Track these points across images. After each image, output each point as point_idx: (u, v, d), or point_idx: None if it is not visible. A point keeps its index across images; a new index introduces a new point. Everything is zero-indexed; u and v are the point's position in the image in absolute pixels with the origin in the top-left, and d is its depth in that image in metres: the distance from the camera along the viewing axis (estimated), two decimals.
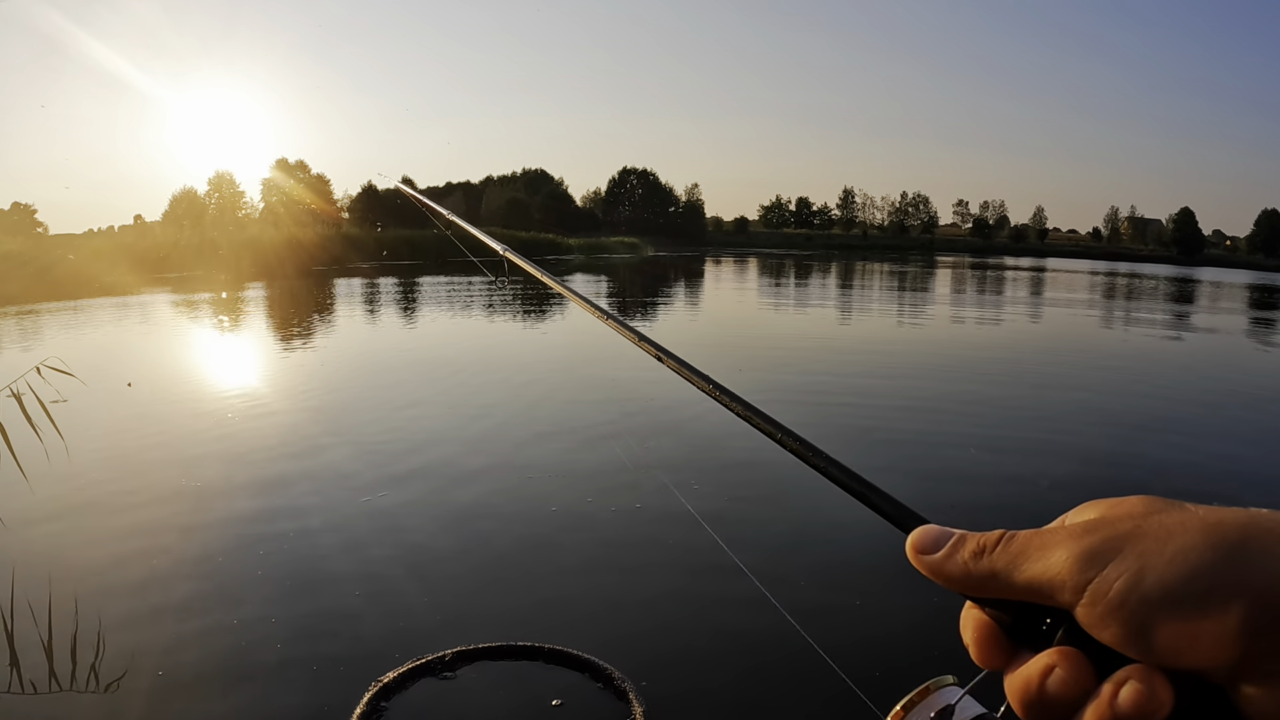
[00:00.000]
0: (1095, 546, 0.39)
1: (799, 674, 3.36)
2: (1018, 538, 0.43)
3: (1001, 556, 0.42)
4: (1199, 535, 0.37)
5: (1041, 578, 0.41)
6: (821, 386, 9.54)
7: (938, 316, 20.10)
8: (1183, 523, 0.38)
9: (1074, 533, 0.41)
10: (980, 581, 0.43)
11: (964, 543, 0.45)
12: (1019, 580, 0.42)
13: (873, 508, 0.52)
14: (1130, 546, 0.39)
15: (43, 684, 3.28)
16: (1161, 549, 0.38)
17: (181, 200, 70.86)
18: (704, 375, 0.72)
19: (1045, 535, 0.42)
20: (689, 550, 4.58)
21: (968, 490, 5.82)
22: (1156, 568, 0.37)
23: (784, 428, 0.60)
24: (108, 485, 5.64)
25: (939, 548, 0.45)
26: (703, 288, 30.38)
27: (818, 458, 0.56)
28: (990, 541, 0.43)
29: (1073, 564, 0.40)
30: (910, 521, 0.49)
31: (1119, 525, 0.40)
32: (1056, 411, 8.69)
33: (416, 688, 3.21)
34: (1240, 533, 0.37)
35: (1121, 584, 0.38)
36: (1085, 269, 61.07)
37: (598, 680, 3.26)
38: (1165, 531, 0.38)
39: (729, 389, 0.68)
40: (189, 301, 20.73)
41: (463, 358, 12.11)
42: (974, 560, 0.43)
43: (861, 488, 0.53)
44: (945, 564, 0.45)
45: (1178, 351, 15.21)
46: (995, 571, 0.42)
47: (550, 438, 6.97)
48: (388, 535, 4.77)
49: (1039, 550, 0.41)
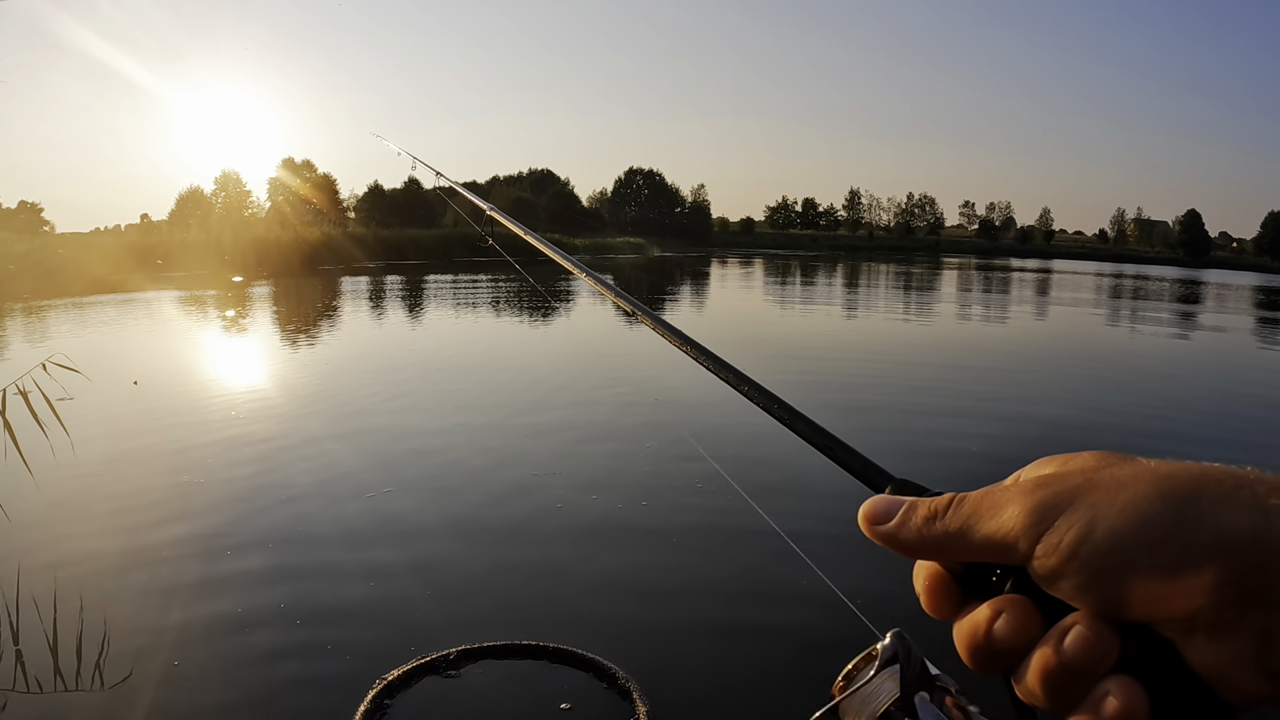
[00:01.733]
0: (1047, 500, 0.39)
1: (803, 674, 3.35)
2: (968, 499, 0.42)
3: (954, 519, 0.42)
4: (1150, 486, 0.37)
5: (995, 535, 0.40)
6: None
7: (946, 316, 20.06)
8: (1134, 474, 0.38)
9: (1025, 489, 0.41)
10: (935, 547, 0.43)
11: (915, 509, 0.44)
12: (974, 541, 0.41)
13: (838, 462, 0.52)
14: (1081, 499, 0.38)
15: (48, 682, 3.28)
16: (1112, 500, 0.38)
17: (188, 199, 71.06)
18: (677, 331, 0.71)
19: (996, 493, 0.42)
20: (695, 550, 4.57)
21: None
22: (1108, 518, 0.37)
23: (751, 380, 0.59)
24: (113, 482, 5.64)
25: (891, 517, 0.45)
26: (709, 288, 30.35)
27: (782, 409, 0.55)
28: (941, 506, 0.43)
29: (1024, 519, 0.39)
30: (877, 478, 0.49)
31: (1070, 479, 0.40)
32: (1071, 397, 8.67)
33: (421, 685, 3.21)
34: (1192, 484, 0.37)
35: (1073, 535, 0.37)
36: (1092, 270, 60.90)
37: (602, 680, 3.25)
38: (1116, 483, 0.38)
39: (699, 343, 0.67)
40: (195, 300, 20.75)
41: (468, 356, 12.11)
42: (926, 526, 0.43)
43: (826, 441, 0.53)
44: (899, 532, 0.44)
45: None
46: (949, 534, 0.42)
47: (554, 435, 6.96)
48: (392, 533, 4.77)
49: (991, 509, 0.41)
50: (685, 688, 3.27)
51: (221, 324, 16.23)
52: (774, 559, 4.48)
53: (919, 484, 0.48)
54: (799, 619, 3.83)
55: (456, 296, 21.62)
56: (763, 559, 4.51)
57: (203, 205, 69.88)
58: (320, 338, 14.17)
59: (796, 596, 4.03)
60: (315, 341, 13.71)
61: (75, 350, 11.32)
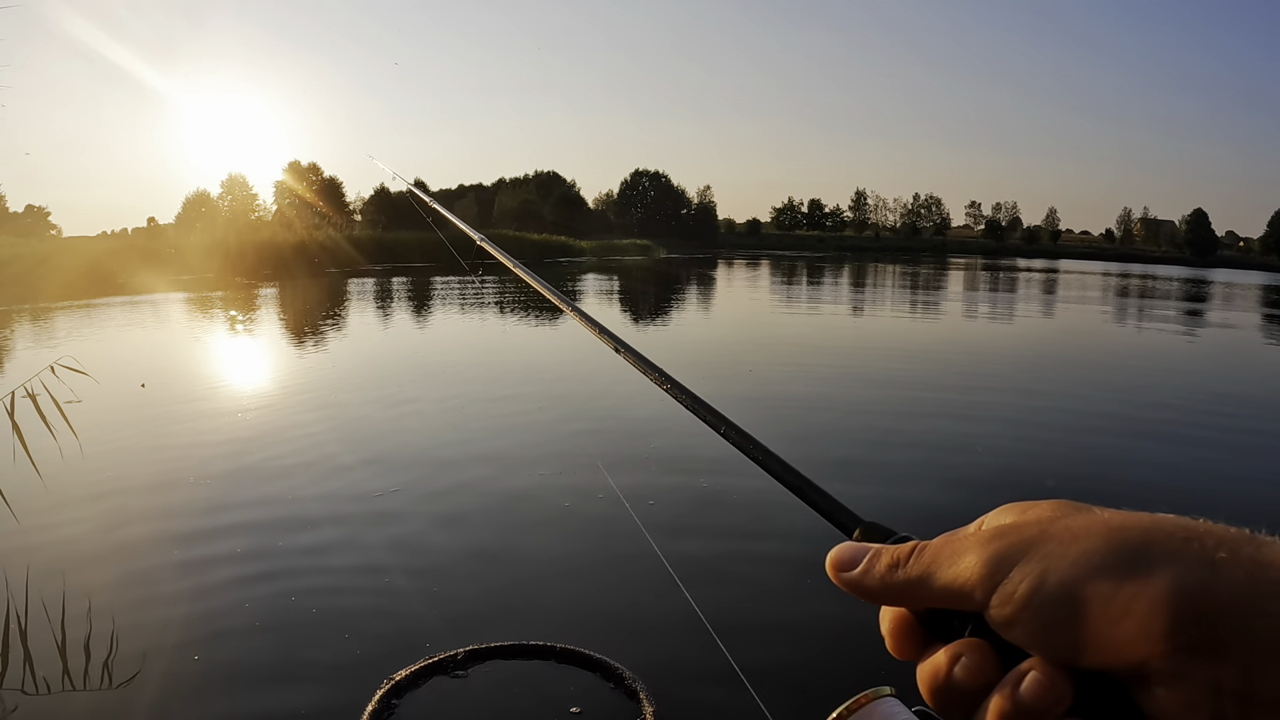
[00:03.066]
0: (1002, 551, 0.41)
1: (812, 675, 3.34)
2: (929, 548, 0.44)
3: (915, 567, 0.44)
4: (1101, 539, 0.38)
5: (953, 584, 0.42)
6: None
7: (958, 316, 20.03)
8: (1087, 526, 0.40)
9: (983, 539, 0.42)
10: (898, 593, 0.45)
11: (879, 557, 0.46)
12: (933, 588, 0.43)
13: (809, 503, 0.53)
14: (1035, 550, 0.40)
15: (55, 682, 3.29)
16: (1065, 551, 0.39)
17: (194, 203, 71.29)
18: (656, 366, 0.73)
19: (955, 543, 0.43)
20: (699, 553, 4.57)
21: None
22: (1060, 569, 0.38)
23: (728, 420, 0.61)
24: (121, 484, 5.66)
25: (856, 564, 0.46)
26: (716, 291, 30.32)
27: (756, 450, 0.57)
28: (903, 554, 0.45)
29: (981, 568, 0.41)
30: (846, 520, 0.51)
31: (1026, 530, 0.41)
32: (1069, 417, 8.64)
33: (428, 686, 3.21)
34: (1142, 536, 0.38)
35: (1026, 586, 0.39)
36: (1099, 270, 60.74)
37: (609, 680, 3.25)
38: (1070, 535, 0.39)
39: (679, 380, 0.68)
40: (202, 303, 20.81)
41: (473, 359, 12.13)
42: (889, 574, 0.45)
43: (798, 482, 0.54)
44: (863, 580, 0.46)
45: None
46: (910, 582, 0.44)
47: (562, 440, 6.96)
48: (399, 535, 4.77)
49: (950, 558, 0.43)
50: (692, 688, 3.26)
51: (227, 327, 16.28)
52: (779, 563, 4.48)
53: (886, 526, 0.49)
54: (807, 620, 3.82)
55: (462, 299, 21.64)
56: (768, 562, 4.51)
57: (209, 208, 70.11)
58: (325, 341, 14.19)
59: (805, 600, 4.02)
60: (321, 344, 13.74)
61: (83, 353, 11.37)
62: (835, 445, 6.99)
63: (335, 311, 19.20)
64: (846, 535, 0.50)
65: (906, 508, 5.39)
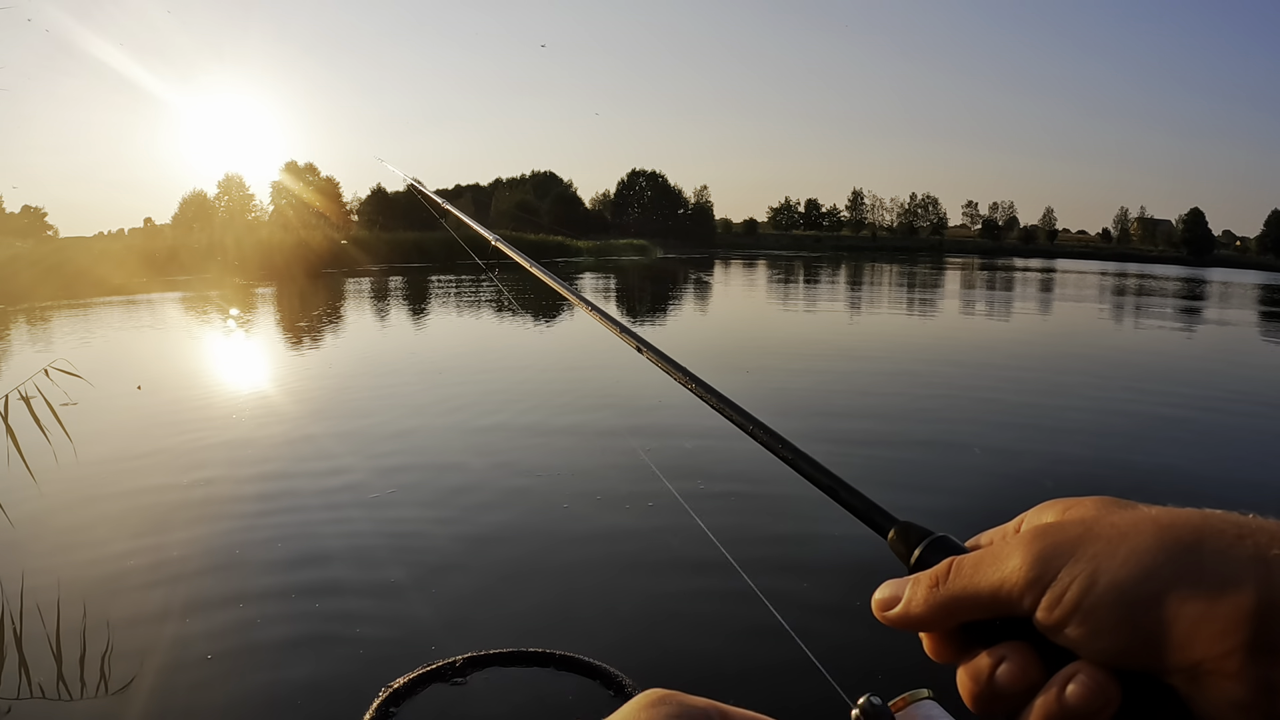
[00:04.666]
0: (1047, 552, 0.40)
1: (808, 682, 3.32)
2: (966, 560, 0.43)
3: (956, 581, 0.42)
4: (1151, 536, 0.37)
5: (1000, 590, 0.41)
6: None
7: (963, 315, 20.03)
8: (1135, 523, 0.39)
9: (1025, 540, 0.41)
10: (945, 612, 0.43)
11: (919, 584, 0.44)
12: (979, 599, 0.41)
13: (842, 504, 0.52)
14: (1083, 549, 0.39)
15: (50, 687, 3.27)
16: (1114, 551, 0.38)
17: (191, 203, 71.20)
18: (680, 366, 0.70)
19: (996, 549, 0.42)
20: (699, 556, 4.55)
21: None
22: (1110, 570, 0.37)
23: (755, 419, 0.59)
24: (115, 488, 5.63)
25: (898, 600, 0.45)
26: (713, 290, 30.32)
27: (786, 450, 0.56)
28: (941, 573, 0.43)
29: (1026, 572, 0.40)
30: (881, 520, 0.49)
31: (1069, 529, 0.40)
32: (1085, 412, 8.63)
33: (427, 693, 3.18)
34: (1194, 534, 0.37)
35: (1076, 588, 0.38)
36: (1096, 270, 60.80)
37: (609, 687, 3.22)
38: (1118, 533, 0.38)
39: (703, 379, 0.66)
40: (198, 304, 20.77)
41: (470, 360, 12.10)
42: (931, 596, 0.43)
43: (830, 482, 0.53)
44: (909, 612, 0.44)
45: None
46: (954, 597, 0.42)
47: (558, 441, 6.94)
48: (396, 539, 4.75)
49: (992, 564, 0.41)
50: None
51: (224, 328, 16.24)
52: (782, 567, 4.45)
53: (922, 526, 0.47)
54: (809, 621, 3.80)
55: (460, 299, 21.62)
56: (772, 568, 4.48)
57: (206, 208, 70.01)
58: (323, 342, 14.16)
59: (807, 606, 4.00)
60: (318, 345, 13.70)
61: (79, 354, 11.34)
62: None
63: (333, 312, 19.16)
64: (881, 535, 0.49)
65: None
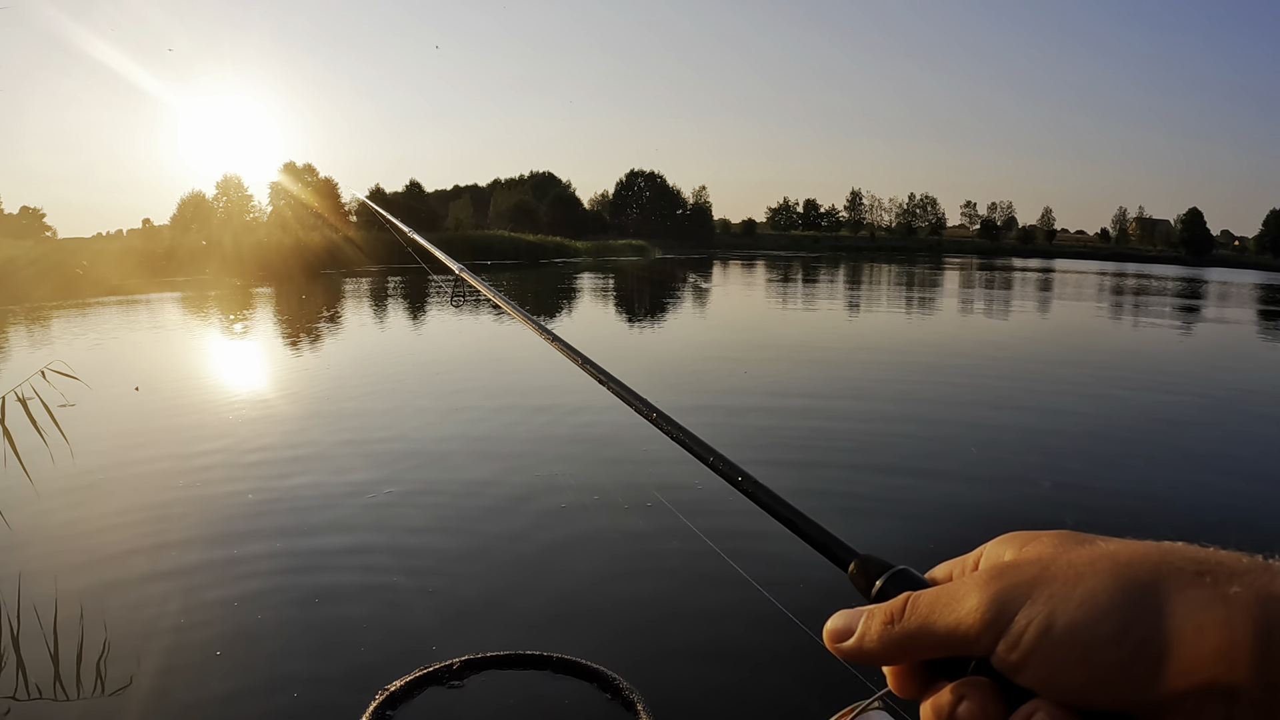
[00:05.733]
0: (1004, 593, 0.39)
1: (809, 684, 3.32)
2: (923, 597, 0.42)
3: (912, 619, 0.42)
4: (1108, 576, 0.37)
5: (955, 631, 0.40)
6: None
7: (964, 316, 20.02)
8: (1092, 562, 0.38)
9: (982, 581, 0.40)
10: (898, 650, 0.43)
11: (874, 618, 0.44)
12: (935, 638, 0.41)
13: (800, 535, 0.52)
14: (1039, 590, 0.38)
15: (47, 689, 3.26)
16: (1070, 592, 0.37)
17: (189, 204, 71.03)
18: (639, 397, 0.72)
19: (954, 588, 0.42)
20: (697, 558, 4.54)
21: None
22: (1067, 611, 0.37)
23: (715, 451, 0.61)
24: (113, 489, 5.62)
25: (852, 631, 0.44)
26: (712, 291, 30.31)
27: (746, 482, 0.56)
28: (897, 609, 0.43)
29: (983, 614, 0.39)
30: (840, 553, 0.49)
31: (1026, 570, 0.40)
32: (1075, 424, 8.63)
33: (424, 697, 3.17)
34: (1151, 572, 0.37)
35: (1033, 630, 0.37)
36: (1094, 270, 60.82)
37: (606, 690, 3.22)
38: (1074, 573, 0.38)
39: (665, 413, 0.68)
40: (196, 305, 20.75)
41: (468, 362, 12.10)
42: (886, 632, 0.43)
43: (789, 515, 0.53)
44: (861, 645, 0.44)
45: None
46: (909, 635, 0.42)
47: (556, 444, 6.94)
48: (393, 541, 4.74)
49: (948, 603, 0.41)
50: (689, 699, 3.24)
51: (222, 329, 16.23)
52: (780, 569, 4.45)
53: (882, 559, 0.47)
54: (806, 631, 3.79)
55: (457, 300, 21.55)
56: (770, 568, 4.48)
57: (204, 209, 69.86)
58: (321, 342, 14.15)
59: (804, 612, 3.99)
60: (316, 346, 13.69)
61: (77, 355, 11.33)
62: (830, 456, 6.96)
63: (331, 313, 19.14)
64: (841, 568, 0.49)
65: (913, 519, 5.37)
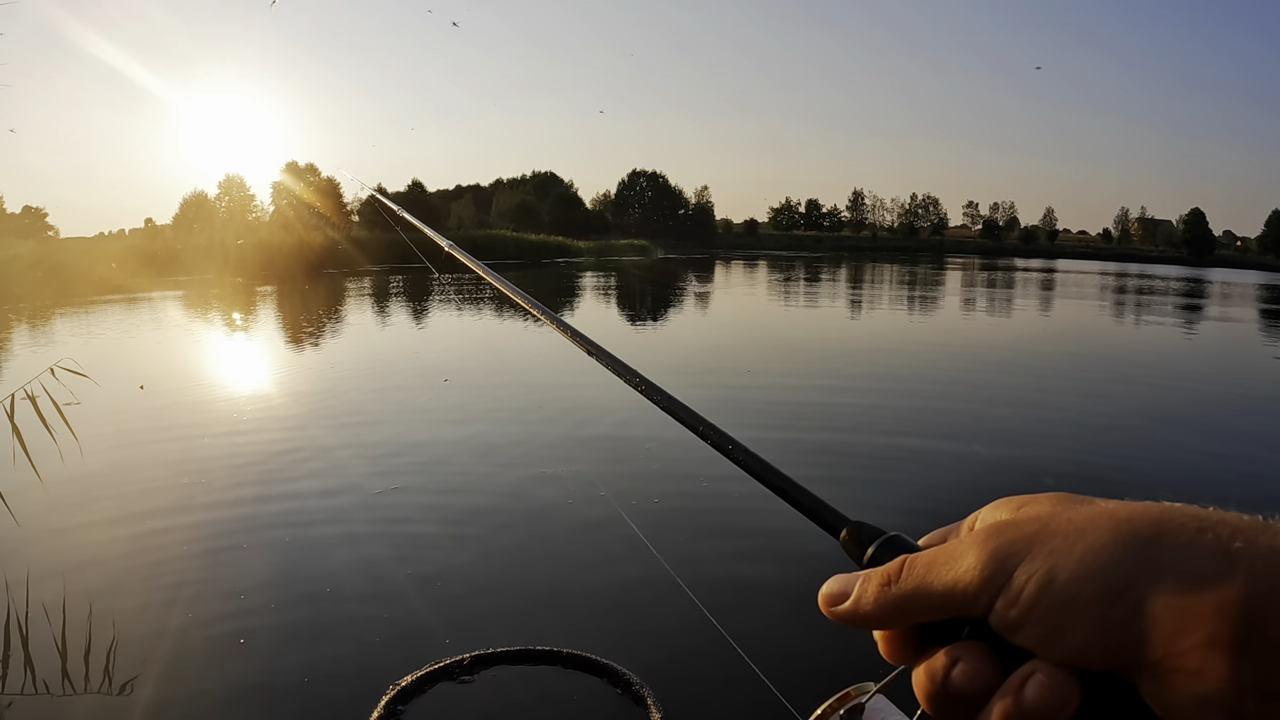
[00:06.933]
0: (1002, 550, 0.38)
1: (818, 675, 3.31)
2: (919, 558, 0.42)
3: (909, 580, 0.41)
4: (1109, 532, 0.36)
5: (953, 590, 0.39)
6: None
7: (965, 315, 20.01)
8: (1092, 519, 0.38)
9: (979, 539, 0.40)
10: (896, 612, 0.42)
11: (870, 581, 0.43)
12: (932, 599, 0.40)
13: (793, 505, 0.51)
14: (1039, 547, 0.38)
15: (55, 685, 3.26)
16: (1071, 548, 0.37)
17: (192, 203, 71.01)
18: (630, 368, 0.70)
19: (950, 548, 0.41)
20: (707, 553, 4.54)
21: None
22: (1067, 567, 0.36)
23: (705, 421, 0.60)
24: (120, 487, 5.62)
25: (847, 595, 0.44)
26: (713, 291, 30.30)
27: (737, 451, 0.56)
28: (894, 570, 0.42)
29: (981, 571, 0.39)
30: (832, 520, 0.49)
31: (1025, 527, 0.39)
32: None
33: (434, 691, 3.17)
34: (1153, 528, 0.36)
35: (1033, 587, 0.37)
36: (1096, 270, 60.76)
37: (616, 685, 3.22)
38: (1074, 529, 0.37)
39: (653, 382, 0.68)
40: (200, 304, 20.77)
41: (472, 360, 12.09)
42: (883, 594, 0.42)
43: (781, 483, 0.52)
44: (858, 609, 0.43)
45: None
46: (905, 597, 0.41)
47: (561, 441, 6.93)
48: (402, 537, 4.74)
49: (945, 563, 0.40)
50: (700, 694, 3.23)
51: (225, 328, 16.23)
52: (787, 563, 4.44)
53: (875, 526, 0.47)
54: (818, 619, 3.79)
55: (460, 299, 21.59)
56: (778, 564, 4.48)
57: (206, 209, 69.87)
58: (324, 342, 14.15)
59: (813, 598, 3.99)
60: (319, 345, 13.70)
61: (80, 355, 11.31)
62: (830, 437, 6.96)
63: (334, 312, 19.15)
64: (834, 535, 0.48)
65: (904, 499, 5.36)
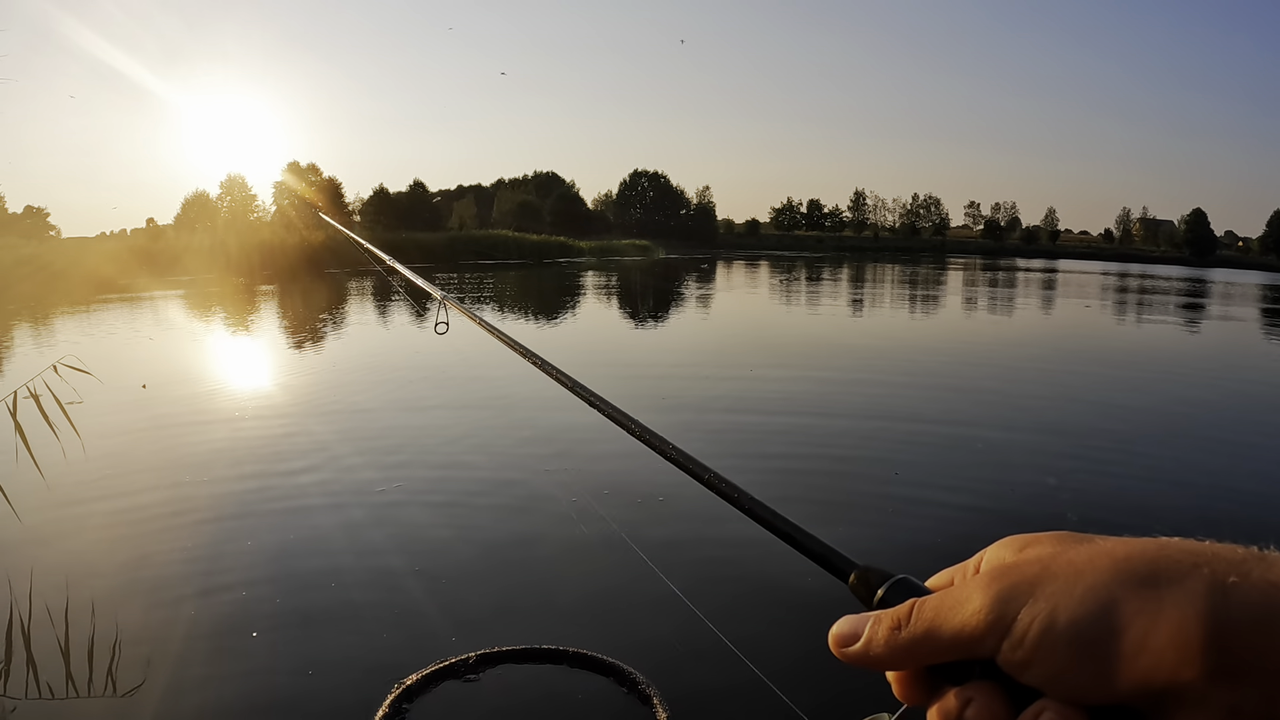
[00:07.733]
0: (1006, 593, 0.40)
1: (826, 676, 3.30)
2: (928, 602, 0.43)
3: (918, 624, 0.43)
4: (1107, 572, 0.38)
5: (961, 633, 0.41)
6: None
7: (967, 316, 19.98)
8: (1091, 559, 0.39)
9: (984, 582, 0.41)
10: (906, 655, 0.43)
11: (880, 623, 0.44)
12: (941, 642, 0.42)
13: (800, 549, 0.52)
14: (1041, 589, 0.39)
15: (59, 687, 3.25)
16: (1071, 589, 0.38)
17: (193, 203, 71.08)
18: (632, 419, 0.72)
19: (956, 590, 0.42)
20: (711, 556, 4.53)
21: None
22: (1068, 608, 0.38)
23: (711, 470, 0.61)
24: (123, 485, 5.62)
25: (858, 636, 0.45)
26: (714, 291, 30.29)
27: (744, 499, 0.56)
28: (903, 614, 0.43)
29: (986, 615, 0.40)
30: (840, 564, 0.50)
31: (1027, 569, 0.41)
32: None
33: (439, 690, 3.16)
34: (1149, 565, 0.37)
35: (1037, 628, 0.38)
36: (1098, 270, 60.72)
37: (622, 684, 3.21)
38: (1074, 570, 0.39)
39: (655, 432, 0.69)
40: (201, 303, 20.77)
41: (475, 359, 12.07)
42: (892, 637, 0.43)
43: (788, 529, 0.53)
44: (868, 651, 0.44)
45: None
46: (915, 640, 0.43)
47: (566, 442, 6.91)
48: (407, 537, 4.73)
49: (952, 606, 0.42)
50: (706, 693, 3.22)
51: (227, 327, 16.23)
52: (794, 571, 4.42)
53: (882, 569, 0.48)
54: (823, 623, 3.77)
55: (461, 298, 21.57)
56: (781, 564, 4.46)
57: (208, 209, 69.94)
58: (326, 341, 14.15)
59: (820, 602, 3.98)
60: (321, 345, 13.69)
61: (83, 354, 11.30)
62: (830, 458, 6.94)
63: (336, 312, 19.15)
64: (842, 579, 0.49)
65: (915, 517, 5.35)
